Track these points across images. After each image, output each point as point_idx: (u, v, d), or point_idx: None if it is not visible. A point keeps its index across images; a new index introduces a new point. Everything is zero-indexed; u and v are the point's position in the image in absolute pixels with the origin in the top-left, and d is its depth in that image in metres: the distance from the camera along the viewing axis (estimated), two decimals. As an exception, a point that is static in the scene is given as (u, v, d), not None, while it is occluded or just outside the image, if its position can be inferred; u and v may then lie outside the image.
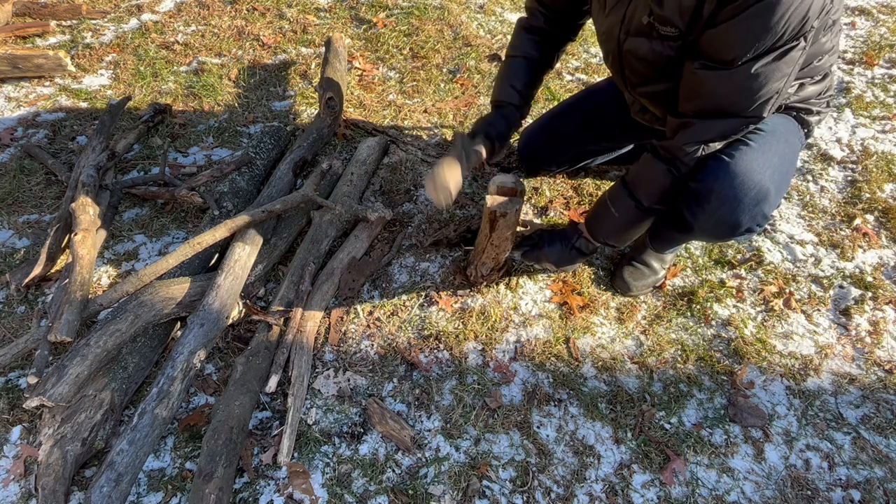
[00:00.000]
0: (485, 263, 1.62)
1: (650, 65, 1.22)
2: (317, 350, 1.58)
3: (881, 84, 2.46)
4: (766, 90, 1.08)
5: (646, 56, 1.21)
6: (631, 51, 1.24)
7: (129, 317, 1.41)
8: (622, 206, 1.40)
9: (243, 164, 1.95)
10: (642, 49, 1.20)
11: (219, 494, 1.22)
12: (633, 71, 1.31)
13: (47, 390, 1.27)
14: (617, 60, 1.32)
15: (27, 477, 1.34)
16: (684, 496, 1.33)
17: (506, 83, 1.56)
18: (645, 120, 1.51)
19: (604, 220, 1.49)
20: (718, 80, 1.09)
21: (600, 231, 1.52)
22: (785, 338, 1.63)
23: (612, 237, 1.51)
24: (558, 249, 1.61)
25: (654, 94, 1.32)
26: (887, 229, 1.88)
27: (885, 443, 1.42)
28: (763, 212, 1.26)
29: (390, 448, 1.39)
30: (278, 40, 2.71)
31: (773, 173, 1.23)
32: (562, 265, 1.64)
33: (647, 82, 1.30)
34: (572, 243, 1.59)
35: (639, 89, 1.35)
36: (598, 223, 1.51)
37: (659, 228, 1.60)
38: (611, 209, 1.43)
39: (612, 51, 1.32)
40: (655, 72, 1.24)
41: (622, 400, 1.49)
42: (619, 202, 1.41)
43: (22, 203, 1.97)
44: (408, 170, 2.08)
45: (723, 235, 1.36)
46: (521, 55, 1.55)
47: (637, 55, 1.23)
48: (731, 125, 1.17)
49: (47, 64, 2.44)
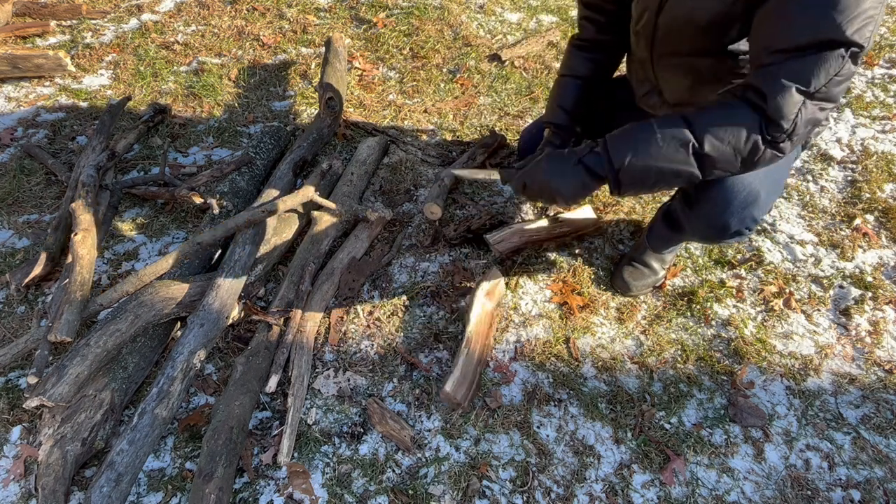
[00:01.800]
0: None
1: (690, 26, 1.13)
2: (317, 350, 1.58)
3: (881, 84, 2.45)
4: (863, 8, 0.88)
5: (690, 13, 1.11)
6: (674, 6, 1.14)
7: (129, 317, 1.41)
8: (671, 139, 1.05)
9: (243, 164, 1.95)
10: (688, 3, 1.11)
11: (219, 494, 1.22)
12: (667, 35, 1.19)
13: (47, 390, 1.27)
14: (652, 22, 1.21)
15: (27, 477, 1.34)
16: (684, 496, 1.33)
17: (554, 104, 1.50)
18: (650, 105, 1.47)
19: (640, 148, 1.09)
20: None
21: (630, 159, 1.09)
22: (785, 338, 1.63)
23: (638, 174, 1.10)
24: (560, 163, 1.18)
25: (680, 67, 1.25)
26: (887, 229, 1.88)
27: (885, 443, 1.42)
28: (752, 215, 1.24)
29: (390, 448, 1.39)
30: (278, 40, 2.71)
31: (765, 177, 1.21)
32: (562, 187, 1.17)
33: (679, 50, 1.21)
34: (580, 157, 1.16)
35: (667, 60, 1.26)
36: (631, 148, 1.09)
37: (659, 227, 1.60)
38: (656, 136, 1.07)
39: (650, 9, 1.20)
40: (693, 35, 1.14)
41: (622, 400, 1.49)
42: (669, 132, 1.05)
43: (22, 203, 1.97)
44: (408, 170, 2.08)
45: (712, 237, 1.35)
46: (571, 74, 1.49)
47: (679, 12, 1.13)
48: (835, 57, 0.92)
49: (47, 64, 2.44)
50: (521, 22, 2.86)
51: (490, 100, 2.40)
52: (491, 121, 2.30)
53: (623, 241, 1.87)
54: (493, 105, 2.37)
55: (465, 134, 2.25)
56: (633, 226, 1.91)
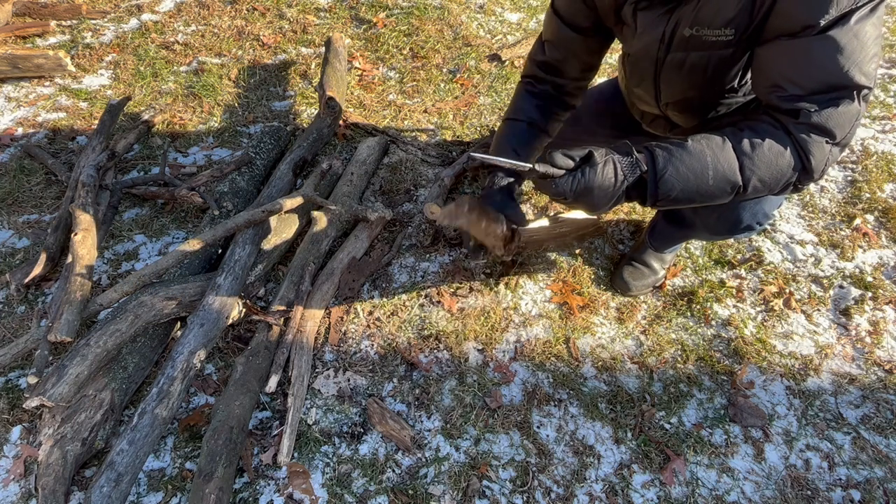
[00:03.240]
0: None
1: (693, 77, 1.16)
2: (317, 350, 1.58)
3: (881, 84, 2.45)
4: (868, 53, 0.92)
5: (690, 69, 1.15)
6: (673, 65, 1.16)
7: (129, 317, 1.41)
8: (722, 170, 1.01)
9: (243, 164, 1.95)
10: (686, 62, 1.14)
11: (219, 494, 1.22)
12: (670, 85, 1.23)
13: (47, 390, 1.27)
14: (651, 79, 1.24)
15: (27, 477, 1.34)
16: (684, 496, 1.33)
17: (504, 145, 1.39)
18: (659, 129, 1.47)
19: (689, 174, 1.03)
20: (811, 46, 0.93)
21: (673, 184, 1.03)
22: (785, 338, 1.63)
23: (677, 196, 1.05)
24: (611, 183, 1.07)
25: (689, 105, 1.26)
26: (887, 229, 1.88)
27: (885, 443, 1.42)
28: (764, 210, 1.26)
29: (390, 448, 1.39)
30: (278, 40, 2.71)
31: None
32: (601, 206, 1.09)
33: (685, 95, 1.24)
34: (627, 186, 1.07)
35: (674, 103, 1.29)
36: (678, 173, 1.03)
37: (662, 226, 1.60)
38: (708, 164, 1.01)
39: (646, 69, 1.23)
40: (698, 83, 1.17)
41: (622, 400, 1.49)
42: (721, 160, 1.01)
43: (22, 203, 1.97)
44: (408, 170, 2.08)
45: (723, 232, 1.36)
46: (521, 118, 1.39)
47: (681, 68, 1.16)
48: (853, 105, 0.95)
49: (47, 64, 2.44)
50: (521, 22, 2.86)
51: (490, 100, 2.40)
52: (491, 121, 2.30)
53: (623, 241, 1.87)
54: (493, 105, 2.37)
55: (465, 134, 2.25)
56: (633, 226, 1.91)
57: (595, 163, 1.04)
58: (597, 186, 1.03)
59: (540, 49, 1.36)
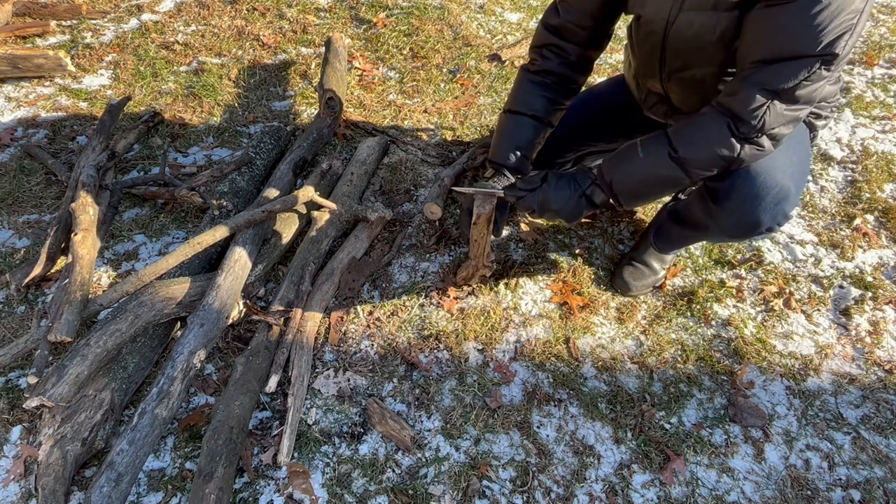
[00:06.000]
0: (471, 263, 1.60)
1: (699, 43, 1.17)
2: (317, 350, 1.58)
3: (881, 84, 2.45)
4: (839, 22, 0.95)
5: (698, 32, 1.15)
6: (682, 28, 1.17)
7: (129, 317, 1.41)
8: (651, 149, 1.21)
9: (243, 164, 1.95)
10: (696, 24, 1.14)
11: (219, 494, 1.22)
12: (676, 54, 1.24)
13: (47, 390, 1.27)
14: (659, 45, 1.25)
15: (27, 477, 1.34)
16: (684, 496, 1.33)
17: (506, 145, 1.41)
18: (660, 115, 1.47)
19: (625, 163, 1.26)
20: (782, 15, 0.98)
21: (617, 174, 1.26)
22: (785, 338, 1.63)
23: (626, 185, 1.26)
24: (566, 195, 1.31)
25: (692, 80, 1.27)
26: (887, 229, 1.88)
27: (885, 443, 1.42)
28: (784, 210, 1.25)
29: (390, 448, 1.39)
30: (278, 40, 2.71)
31: (794, 172, 1.23)
32: (565, 214, 1.32)
33: (689, 65, 1.24)
34: (583, 189, 1.31)
35: (677, 75, 1.29)
36: (617, 165, 1.27)
37: (668, 227, 1.60)
38: (637, 150, 1.22)
39: (656, 32, 1.24)
40: (703, 51, 1.18)
41: (622, 400, 1.49)
42: (649, 144, 1.21)
43: (22, 203, 1.97)
44: (408, 170, 2.08)
45: (741, 234, 1.34)
46: (525, 111, 1.39)
47: (688, 33, 1.17)
48: (803, 67, 1.00)
49: (47, 64, 2.44)
50: (521, 22, 2.86)
51: (490, 100, 2.40)
52: (491, 121, 2.30)
53: (623, 241, 1.87)
54: (493, 105, 2.37)
55: (465, 134, 2.25)
56: (632, 226, 1.91)
57: (549, 179, 1.31)
58: (552, 196, 1.29)
59: (553, 12, 1.37)
